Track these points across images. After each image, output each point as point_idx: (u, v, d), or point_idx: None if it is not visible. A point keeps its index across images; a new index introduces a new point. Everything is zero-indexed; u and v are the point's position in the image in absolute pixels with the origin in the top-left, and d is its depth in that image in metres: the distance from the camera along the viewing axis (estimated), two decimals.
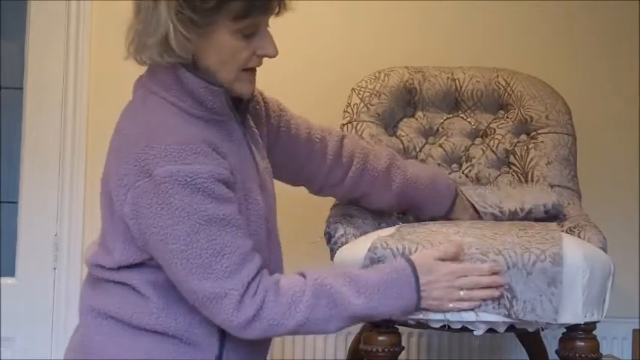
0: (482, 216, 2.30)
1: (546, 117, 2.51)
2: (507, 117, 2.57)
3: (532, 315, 1.97)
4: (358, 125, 2.49)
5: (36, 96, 2.92)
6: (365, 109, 2.52)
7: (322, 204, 2.37)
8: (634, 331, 2.92)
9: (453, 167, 2.57)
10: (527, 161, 2.51)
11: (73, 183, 2.90)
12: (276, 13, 1.85)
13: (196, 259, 1.74)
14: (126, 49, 1.84)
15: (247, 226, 1.84)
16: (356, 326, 2.53)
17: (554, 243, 2.02)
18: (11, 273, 2.90)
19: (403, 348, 2.13)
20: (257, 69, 1.89)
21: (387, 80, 2.56)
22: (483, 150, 2.57)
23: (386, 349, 2.08)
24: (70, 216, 2.90)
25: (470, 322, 2.01)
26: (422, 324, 2.06)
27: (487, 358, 2.95)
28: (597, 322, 2.09)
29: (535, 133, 2.51)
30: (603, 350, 2.34)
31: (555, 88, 2.60)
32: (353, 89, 2.56)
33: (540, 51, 3.04)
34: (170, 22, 1.76)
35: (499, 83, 2.59)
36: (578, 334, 2.08)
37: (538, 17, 3.06)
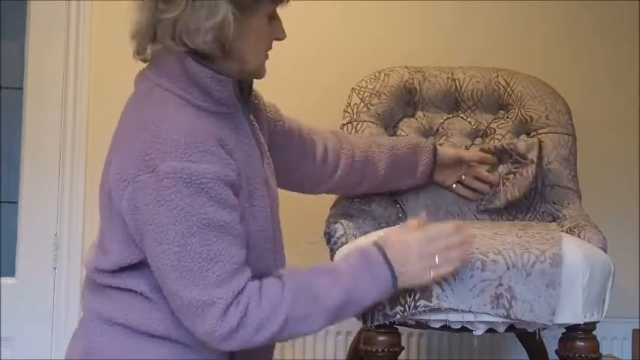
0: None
1: (546, 117, 2.51)
2: (507, 117, 2.57)
3: (530, 315, 1.97)
4: (358, 125, 2.49)
5: (36, 96, 2.92)
6: (365, 109, 2.52)
7: (322, 204, 2.37)
8: (634, 331, 2.92)
9: None
10: None
11: (73, 183, 2.90)
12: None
13: (188, 263, 1.69)
14: (164, 36, 1.78)
15: (254, 223, 1.82)
16: (356, 326, 2.54)
17: (553, 243, 2.02)
18: (11, 273, 2.90)
19: (403, 348, 2.13)
20: None
21: (387, 80, 2.56)
22: None
23: (386, 349, 2.08)
24: (70, 216, 2.90)
25: (469, 323, 2.01)
26: (422, 324, 2.06)
27: (487, 358, 2.95)
28: (597, 322, 2.09)
29: (535, 133, 2.50)
30: (603, 350, 2.35)
31: (555, 88, 2.59)
32: (353, 89, 2.56)
33: (540, 51, 3.04)
34: (228, 4, 1.75)
35: (499, 83, 2.59)
36: (578, 334, 2.08)
37: (538, 17, 3.06)
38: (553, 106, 2.53)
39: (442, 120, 2.58)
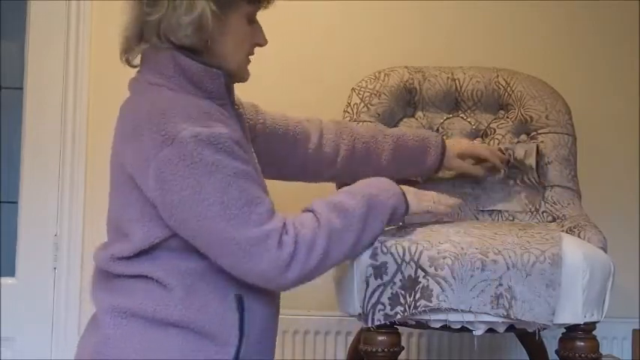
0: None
1: (546, 117, 2.51)
2: (507, 117, 2.57)
3: (530, 315, 1.97)
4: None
5: (36, 96, 2.92)
6: (365, 109, 2.52)
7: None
8: (634, 331, 2.92)
9: None
10: None
11: (73, 183, 2.90)
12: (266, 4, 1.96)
13: (233, 210, 1.79)
14: (150, 35, 1.89)
15: None
16: (356, 326, 2.54)
17: (553, 243, 2.02)
18: (11, 273, 2.90)
19: (403, 348, 2.13)
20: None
21: (387, 80, 2.56)
22: None
23: (386, 349, 2.08)
24: (70, 216, 2.90)
25: (469, 323, 2.01)
26: (422, 324, 2.06)
27: (487, 358, 2.95)
28: (597, 322, 2.09)
29: (535, 133, 2.51)
30: (603, 350, 2.35)
31: (555, 88, 2.60)
32: (353, 89, 2.56)
33: (540, 51, 3.04)
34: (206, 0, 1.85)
35: (499, 83, 2.59)
36: (578, 334, 2.08)
37: (538, 17, 3.06)
38: (553, 106, 2.53)
39: (442, 120, 2.59)
